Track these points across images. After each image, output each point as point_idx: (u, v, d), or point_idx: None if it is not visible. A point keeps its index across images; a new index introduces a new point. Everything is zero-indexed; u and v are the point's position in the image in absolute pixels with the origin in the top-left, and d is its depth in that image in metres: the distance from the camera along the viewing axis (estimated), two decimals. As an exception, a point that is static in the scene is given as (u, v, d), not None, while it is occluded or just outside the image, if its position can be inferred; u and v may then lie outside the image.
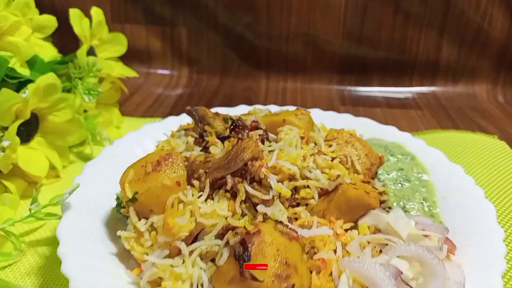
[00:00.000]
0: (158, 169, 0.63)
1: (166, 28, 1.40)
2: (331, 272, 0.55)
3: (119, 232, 0.61)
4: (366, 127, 0.94)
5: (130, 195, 0.61)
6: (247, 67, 1.44)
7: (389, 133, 0.91)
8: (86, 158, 0.98)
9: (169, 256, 0.58)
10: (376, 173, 0.79)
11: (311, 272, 0.56)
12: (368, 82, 1.42)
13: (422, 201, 0.74)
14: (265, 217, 0.59)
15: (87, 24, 1.01)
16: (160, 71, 1.44)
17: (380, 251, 0.59)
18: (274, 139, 0.76)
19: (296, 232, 0.56)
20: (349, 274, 0.54)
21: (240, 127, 0.74)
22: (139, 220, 0.62)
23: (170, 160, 0.65)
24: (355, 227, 0.64)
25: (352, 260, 0.54)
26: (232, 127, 0.74)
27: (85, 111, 1.00)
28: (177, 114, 1.18)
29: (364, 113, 1.26)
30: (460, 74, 1.41)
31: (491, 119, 1.26)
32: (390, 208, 0.73)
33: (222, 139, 0.74)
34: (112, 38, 1.12)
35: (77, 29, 0.98)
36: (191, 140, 0.77)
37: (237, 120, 0.75)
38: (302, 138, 0.74)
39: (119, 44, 1.14)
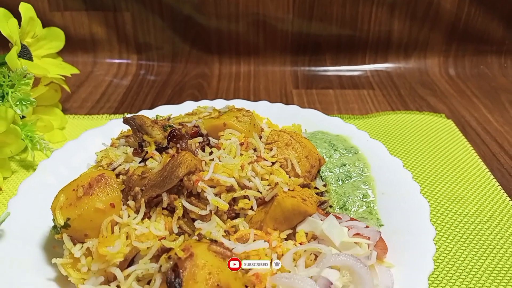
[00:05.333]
0: (90, 192, 0.62)
1: (109, 14, 1.33)
2: (265, 287, 0.56)
3: (54, 260, 0.61)
4: (312, 119, 0.94)
5: (62, 222, 0.60)
6: (198, 51, 1.40)
7: (334, 126, 0.92)
8: (28, 167, 0.95)
9: (106, 281, 0.58)
10: (319, 171, 0.80)
11: (246, 287, 0.57)
12: (321, 62, 1.41)
13: (362, 198, 0.76)
14: (200, 237, 0.60)
15: (15, 25, 0.94)
16: (108, 60, 1.38)
17: (316, 257, 0.61)
18: (215, 144, 0.75)
19: (230, 251, 0.57)
20: (282, 289, 0.55)
21: (178, 137, 0.73)
22: (74, 245, 0.61)
23: (102, 181, 0.63)
24: (293, 233, 0.65)
25: (284, 276, 0.55)
26: (169, 137, 0.73)
27: (23, 117, 0.95)
28: (126, 109, 1.14)
29: (317, 96, 1.26)
30: (412, 49, 1.42)
31: (441, 96, 1.28)
32: (331, 207, 0.75)
33: (161, 149, 0.73)
34: (47, 34, 1.06)
35: (4, 31, 0.92)
36: (130, 151, 0.75)
37: (174, 129, 0.74)
38: (241, 144, 0.73)
39: (56, 39, 1.08)
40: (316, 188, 0.76)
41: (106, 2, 1.31)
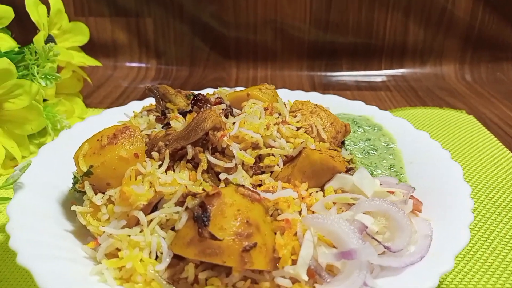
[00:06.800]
0: (114, 141, 0.61)
1: (131, 20, 1.37)
2: (296, 233, 0.53)
3: (74, 207, 0.59)
4: (333, 103, 0.93)
5: (84, 169, 0.59)
6: (216, 56, 1.43)
7: (357, 108, 0.90)
8: (47, 148, 0.94)
9: (127, 226, 0.56)
10: (344, 143, 0.78)
11: (275, 233, 0.54)
12: (338, 67, 1.42)
13: (389, 168, 0.73)
14: (227, 182, 0.57)
15: (44, 11, 0.97)
16: (128, 64, 1.41)
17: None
18: (238, 113, 0.74)
19: (258, 194, 0.54)
20: (313, 232, 0.52)
21: (202, 101, 0.73)
22: (96, 194, 0.59)
23: (127, 132, 0.62)
24: (321, 191, 0.62)
25: (316, 217, 0.52)
26: (193, 101, 0.72)
27: (45, 100, 0.96)
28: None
29: (334, 96, 1.26)
30: (428, 55, 1.43)
31: (459, 97, 1.28)
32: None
33: (184, 113, 0.72)
34: (72, 28, 1.09)
35: (33, 16, 0.95)
36: (152, 118, 0.75)
37: (199, 94, 0.73)
38: (266, 109, 0.72)
39: (81, 33, 1.11)
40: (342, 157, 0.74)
41: (130, 9, 1.35)
